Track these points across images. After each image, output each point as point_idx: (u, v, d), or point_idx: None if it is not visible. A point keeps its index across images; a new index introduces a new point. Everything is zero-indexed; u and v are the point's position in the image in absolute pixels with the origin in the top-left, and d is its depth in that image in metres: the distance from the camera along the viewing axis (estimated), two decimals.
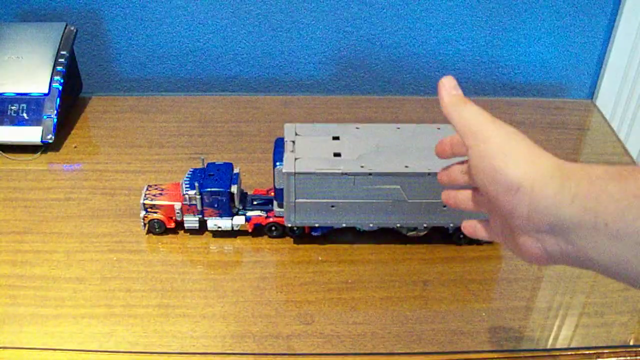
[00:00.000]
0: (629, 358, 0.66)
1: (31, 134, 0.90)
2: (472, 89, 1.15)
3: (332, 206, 0.72)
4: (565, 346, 0.66)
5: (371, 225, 0.74)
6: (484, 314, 0.69)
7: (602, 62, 1.12)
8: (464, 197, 0.53)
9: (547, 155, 0.42)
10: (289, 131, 0.75)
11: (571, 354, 0.66)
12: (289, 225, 0.74)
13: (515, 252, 0.46)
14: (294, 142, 0.73)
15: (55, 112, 0.91)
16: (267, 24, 1.07)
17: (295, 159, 0.71)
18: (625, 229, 0.36)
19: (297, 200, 0.71)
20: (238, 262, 0.75)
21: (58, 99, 0.91)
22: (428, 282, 0.73)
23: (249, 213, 0.76)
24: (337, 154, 0.72)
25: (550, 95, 1.15)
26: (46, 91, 0.92)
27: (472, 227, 0.52)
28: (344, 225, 0.74)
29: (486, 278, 0.73)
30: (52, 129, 0.90)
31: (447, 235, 0.77)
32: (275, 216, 0.75)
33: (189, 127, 0.98)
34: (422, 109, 1.04)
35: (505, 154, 0.42)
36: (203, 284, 0.72)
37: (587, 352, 0.66)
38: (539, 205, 0.40)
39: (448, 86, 0.47)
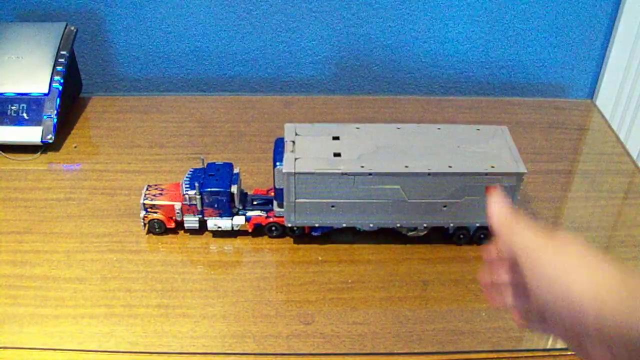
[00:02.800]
0: None
1: (31, 134, 0.90)
2: (472, 89, 1.15)
3: (332, 206, 0.72)
4: (565, 346, 0.66)
5: (371, 225, 0.74)
6: (484, 314, 0.69)
7: (602, 62, 1.12)
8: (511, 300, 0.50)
9: (606, 264, 0.42)
10: (289, 131, 0.75)
11: (571, 354, 0.66)
12: (289, 225, 0.74)
13: (578, 354, 0.45)
14: (294, 142, 0.73)
15: (55, 112, 0.91)
16: (267, 24, 1.07)
17: (295, 159, 0.71)
18: None
19: (297, 200, 0.71)
20: (238, 262, 0.75)
21: (58, 99, 0.91)
22: (428, 282, 0.73)
23: (249, 213, 0.76)
24: (337, 154, 0.72)
25: (550, 95, 1.15)
26: (46, 91, 0.92)
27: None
28: (344, 225, 0.74)
29: None
30: (52, 129, 0.90)
31: (447, 235, 0.77)
32: (275, 216, 0.75)
33: (189, 127, 0.98)
34: (422, 109, 1.04)
35: (564, 269, 0.42)
36: (203, 284, 0.72)
37: None
38: (606, 323, 0.40)
39: (498, 203, 0.47)
